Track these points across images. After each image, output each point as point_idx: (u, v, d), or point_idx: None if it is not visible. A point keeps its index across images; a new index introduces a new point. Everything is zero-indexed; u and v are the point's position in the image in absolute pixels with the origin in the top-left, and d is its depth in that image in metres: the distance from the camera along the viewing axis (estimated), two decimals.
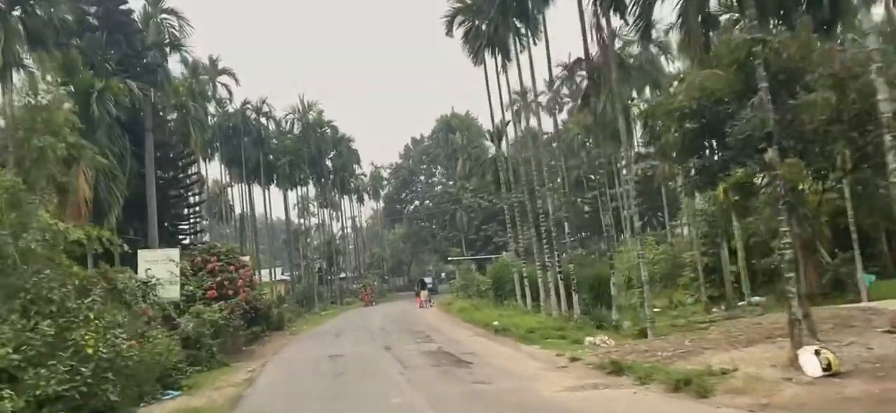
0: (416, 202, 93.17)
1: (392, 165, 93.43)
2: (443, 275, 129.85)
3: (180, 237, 37.01)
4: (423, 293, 49.06)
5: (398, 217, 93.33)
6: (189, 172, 41.52)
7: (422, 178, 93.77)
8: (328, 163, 70.83)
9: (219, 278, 29.52)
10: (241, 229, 65.39)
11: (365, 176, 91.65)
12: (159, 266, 22.36)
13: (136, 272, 21.37)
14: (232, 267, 30.81)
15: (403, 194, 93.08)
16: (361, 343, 26.35)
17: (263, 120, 60.56)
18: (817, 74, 16.53)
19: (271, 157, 61.57)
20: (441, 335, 27.47)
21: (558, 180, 50.05)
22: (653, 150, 33.76)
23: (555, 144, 50.92)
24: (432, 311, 42.74)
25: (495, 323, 27.40)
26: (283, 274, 78.21)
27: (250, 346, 29.15)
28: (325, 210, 79.15)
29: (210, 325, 22.98)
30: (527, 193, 36.16)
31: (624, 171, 45.78)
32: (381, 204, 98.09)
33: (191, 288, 27.00)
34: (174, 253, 24.51)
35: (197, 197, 43.10)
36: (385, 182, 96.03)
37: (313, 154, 64.32)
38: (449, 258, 59.79)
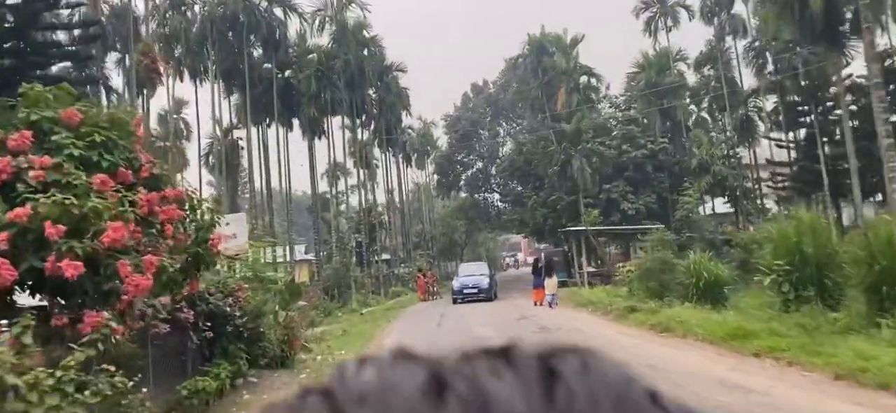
0: (479, 164, 72.62)
1: (446, 118, 72.66)
2: (511, 260, 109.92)
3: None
4: (550, 282, 28.71)
5: (455, 183, 72.86)
6: None
7: (486, 132, 73.12)
8: (371, 94, 50.52)
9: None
10: (246, 185, 45.45)
11: (413, 131, 71.36)
12: None
13: None
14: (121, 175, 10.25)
15: (460, 156, 72.46)
16: None
17: (279, 13, 40.23)
18: None
19: (290, 73, 41.52)
20: None
21: None
22: None
23: None
24: (583, 321, 22.15)
25: None
26: (306, 254, 58.39)
27: None
28: (362, 169, 58.71)
29: None
30: None
31: None
32: (431, 169, 77.57)
33: None
34: None
35: None
36: (437, 141, 75.59)
37: (352, 75, 44.06)
38: (563, 229, 38.90)
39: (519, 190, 52.45)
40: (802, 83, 34.56)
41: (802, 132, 38.18)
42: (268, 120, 47.21)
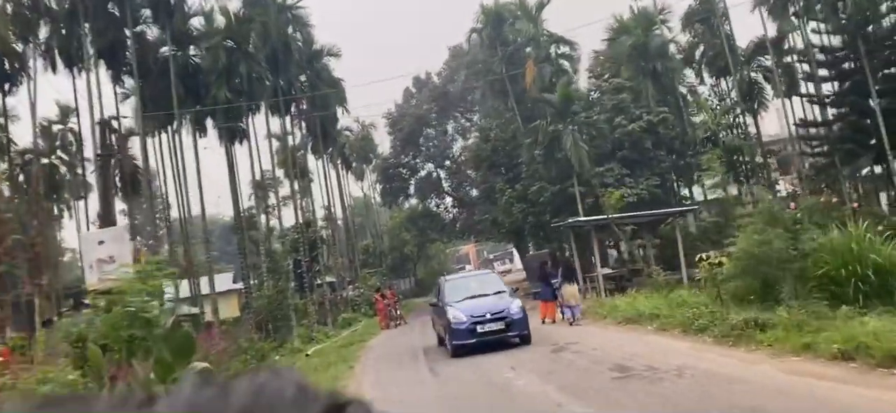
0: (431, 166, 64.31)
1: (388, 116, 63.92)
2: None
3: None
4: (569, 289, 20.75)
5: (402, 190, 64.25)
6: None
7: (433, 130, 64.79)
8: (302, 81, 41.56)
9: None
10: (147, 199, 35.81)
11: (351, 133, 62.47)
12: None
13: None
14: None
15: (406, 158, 63.99)
16: None
17: None
18: None
19: (195, 52, 32.30)
20: None
21: None
22: None
23: None
24: (671, 350, 13.61)
25: None
26: (235, 282, 48.75)
27: None
28: (294, 179, 49.28)
29: None
30: None
31: None
32: (374, 177, 68.59)
33: None
34: None
35: None
36: (378, 148, 66.81)
37: (274, 51, 35.10)
38: (555, 224, 30.84)
39: (487, 185, 44.10)
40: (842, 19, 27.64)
41: (832, 89, 31.34)
42: (176, 123, 37.68)
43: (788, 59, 37.62)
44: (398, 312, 35.29)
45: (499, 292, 17.95)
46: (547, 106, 33.61)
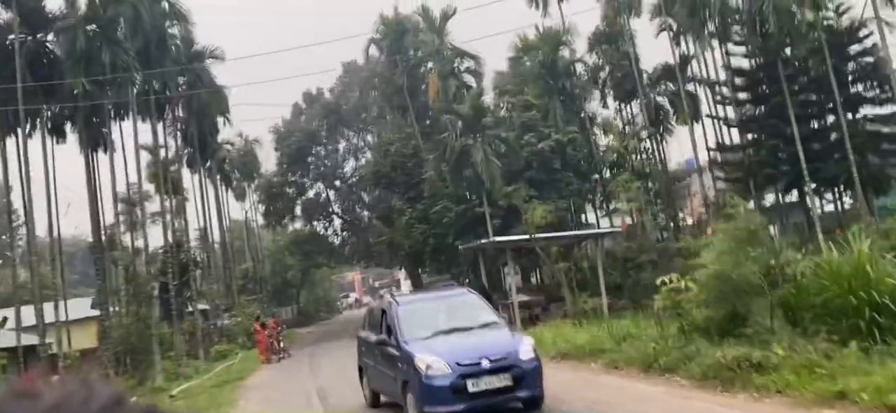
0: (321, 186, 60.24)
1: (274, 131, 59.37)
2: (350, 300, 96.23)
3: None
4: None
5: (288, 211, 59.69)
6: None
7: (323, 149, 60.84)
8: (180, 83, 36.86)
9: None
10: None
11: (232, 146, 57.38)
12: None
13: None
14: None
15: (293, 177, 59.64)
16: None
17: None
18: None
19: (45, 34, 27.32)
20: None
21: None
22: None
23: None
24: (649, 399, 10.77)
25: None
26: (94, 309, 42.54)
27: None
28: (166, 194, 43.83)
29: None
30: None
31: None
32: (256, 196, 63.38)
33: None
34: None
35: None
36: (262, 167, 61.74)
37: (146, 39, 30.51)
38: (461, 247, 28.13)
39: (384, 204, 40.90)
40: (761, 40, 26.78)
41: (741, 113, 30.62)
42: (28, 125, 32.10)
43: (696, 83, 37.02)
44: (281, 344, 31.25)
45: (489, 324, 11.14)
46: (457, 118, 30.97)
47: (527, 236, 23.19)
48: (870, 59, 27.68)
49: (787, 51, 26.38)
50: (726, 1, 27.57)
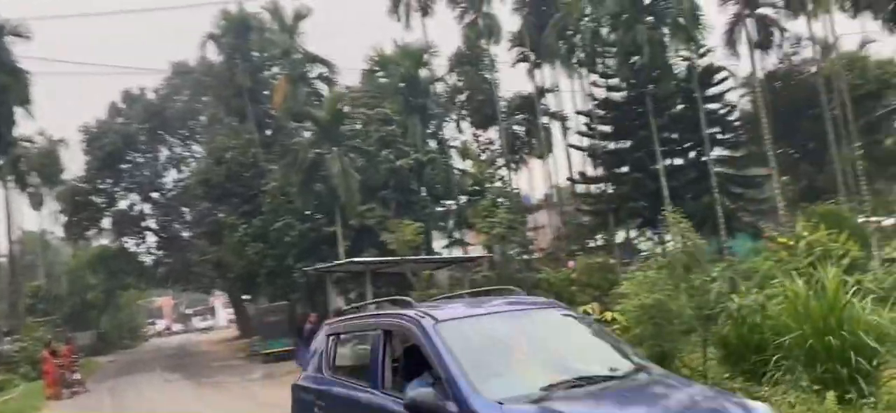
0: (136, 197, 53.42)
1: (86, 129, 51.95)
2: (160, 326, 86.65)
3: None
4: None
5: (94, 222, 52.21)
6: None
7: (141, 157, 54.17)
8: None
9: None
10: None
11: (30, 144, 49.34)
12: None
13: None
14: None
15: (105, 185, 52.49)
16: None
17: None
18: None
19: None
20: None
21: None
22: None
23: None
24: None
25: None
26: None
27: None
28: None
29: None
30: None
31: None
32: (57, 205, 54.92)
33: None
34: None
35: None
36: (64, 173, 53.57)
37: None
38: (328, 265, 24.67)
39: (213, 218, 36.28)
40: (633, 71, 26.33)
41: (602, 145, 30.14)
42: None
43: (550, 116, 36.52)
44: (75, 376, 26.01)
45: (638, 370, 5.29)
46: (313, 123, 27.66)
47: (396, 258, 20.42)
48: (722, 103, 28.28)
49: (654, 86, 26.18)
50: (597, 30, 27.09)
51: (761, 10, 34.19)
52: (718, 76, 28.72)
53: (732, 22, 33.85)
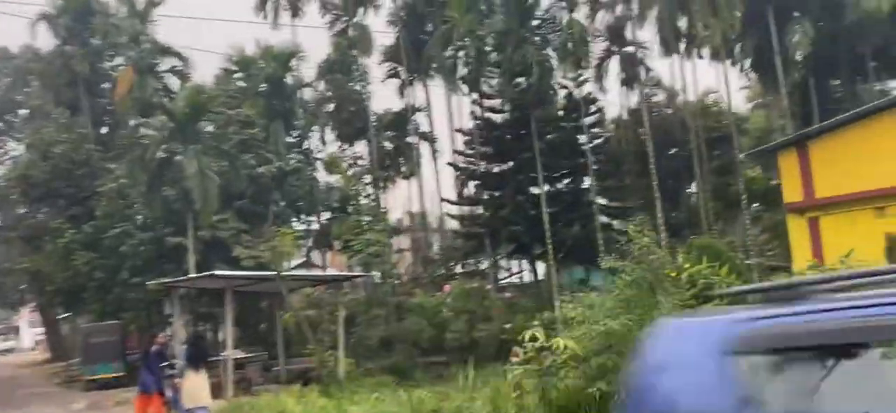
0: None
1: None
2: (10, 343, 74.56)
3: None
4: (195, 379, 12.43)
5: None
6: None
7: None
8: None
9: None
10: None
11: None
12: None
13: None
14: None
15: None
16: None
17: None
18: None
19: None
20: None
21: None
22: None
23: None
24: None
25: None
26: None
27: None
28: None
29: None
30: None
31: None
32: None
33: None
34: None
35: None
36: None
37: None
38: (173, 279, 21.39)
39: (32, 220, 31.23)
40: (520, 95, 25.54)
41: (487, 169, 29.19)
42: None
43: (419, 136, 35.18)
44: None
45: None
46: (167, 118, 24.24)
47: (267, 274, 17.83)
48: (596, 133, 28.30)
49: (538, 110, 25.55)
50: (482, 48, 26.16)
51: (628, 49, 35.07)
52: (593, 107, 28.76)
53: (602, 57, 34.50)
